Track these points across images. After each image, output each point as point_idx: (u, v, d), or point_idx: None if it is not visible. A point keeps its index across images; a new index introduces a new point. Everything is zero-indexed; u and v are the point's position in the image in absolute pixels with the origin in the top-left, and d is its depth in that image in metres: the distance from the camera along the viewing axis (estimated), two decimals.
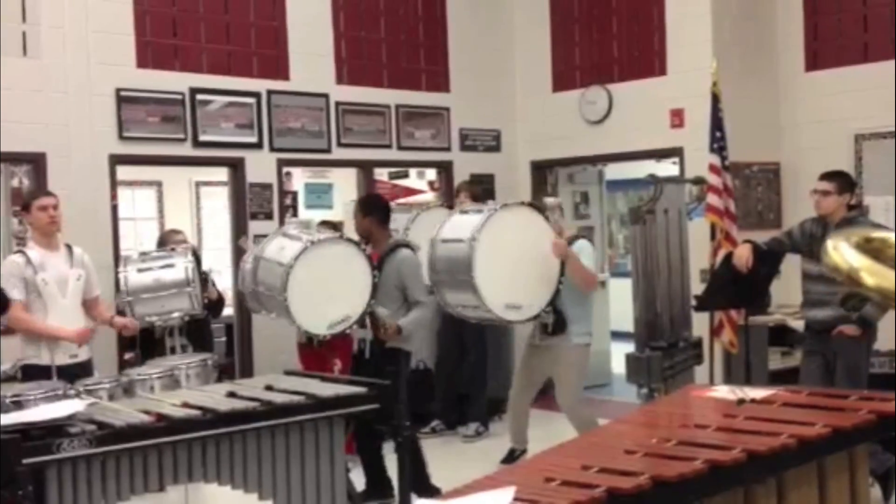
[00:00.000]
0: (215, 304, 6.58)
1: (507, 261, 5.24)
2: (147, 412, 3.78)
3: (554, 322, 5.55)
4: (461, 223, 5.29)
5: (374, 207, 5.71)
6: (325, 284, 5.12)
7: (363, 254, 5.25)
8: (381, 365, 5.34)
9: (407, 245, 5.68)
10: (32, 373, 5.06)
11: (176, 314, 5.73)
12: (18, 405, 4.21)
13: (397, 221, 6.30)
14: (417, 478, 5.53)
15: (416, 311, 5.50)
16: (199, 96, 7.12)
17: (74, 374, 5.09)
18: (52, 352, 5.11)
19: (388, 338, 5.39)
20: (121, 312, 5.64)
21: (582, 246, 5.70)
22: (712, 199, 6.72)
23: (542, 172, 8.96)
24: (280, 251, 5.18)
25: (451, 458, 5.77)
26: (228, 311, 7.41)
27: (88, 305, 5.46)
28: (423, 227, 6.49)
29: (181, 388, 4.85)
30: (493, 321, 5.41)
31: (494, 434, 7.44)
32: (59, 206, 5.35)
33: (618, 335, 9.27)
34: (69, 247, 5.43)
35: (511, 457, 6.19)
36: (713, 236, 6.79)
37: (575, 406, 5.83)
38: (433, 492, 5.25)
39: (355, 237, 5.59)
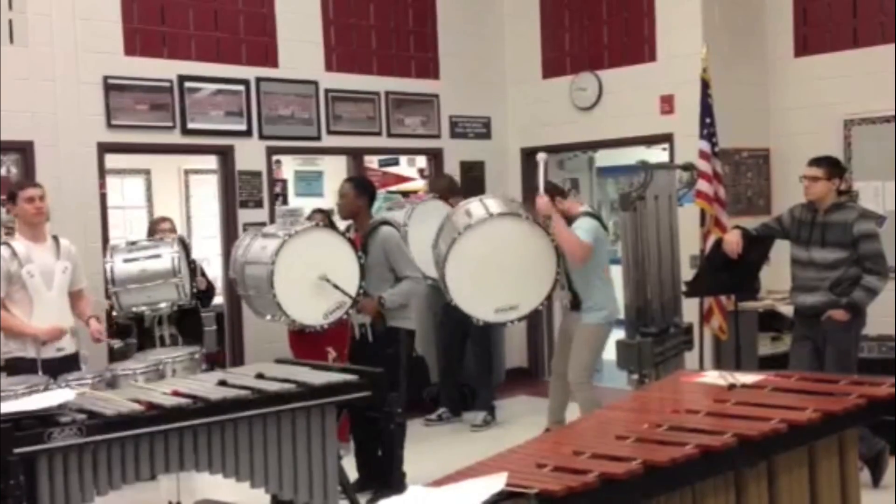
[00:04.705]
0: (205, 294, 6.57)
1: (488, 269, 5.49)
2: (138, 401, 3.77)
3: (571, 300, 5.97)
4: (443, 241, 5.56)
5: (366, 189, 5.77)
6: (312, 275, 5.16)
7: (344, 238, 5.30)
8: (383, 347, 5.38)
9: (387, 223, 5.75)
10: (18, 366, 5.01)
11: (163, 304, 5.72)
12: None
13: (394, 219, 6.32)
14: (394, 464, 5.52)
15: (402, 284, 5.55)
16: (188, 84, 7.09)
17: (60, 367, 5.06)
18: (37, 345, 5.06)
19: (369, 313, 5.44)
20: (108, 312, 5.63)
21: (580, 224, 5.88)
22: (702, 185, 6.72)
23: (533, 159, 8.94)
24: (262, 251, 5.21)
25: (462, 447, 5.79)
26: (219, 299, 7.41)
27: (73, 298, 5.38)
28: (421, 219, 6.53)
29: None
30: (492, 323, 5.82)
31: (502, 421, 7.46)
32: (45, 196, 5.28)
33: None
34: (56, 238, 5.36)
35: None
36: (703, 222, 6.80)
37: (582, 383, 6.00)
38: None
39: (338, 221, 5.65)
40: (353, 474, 5.37)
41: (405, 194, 9.15)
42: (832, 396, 3.31)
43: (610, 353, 6.25)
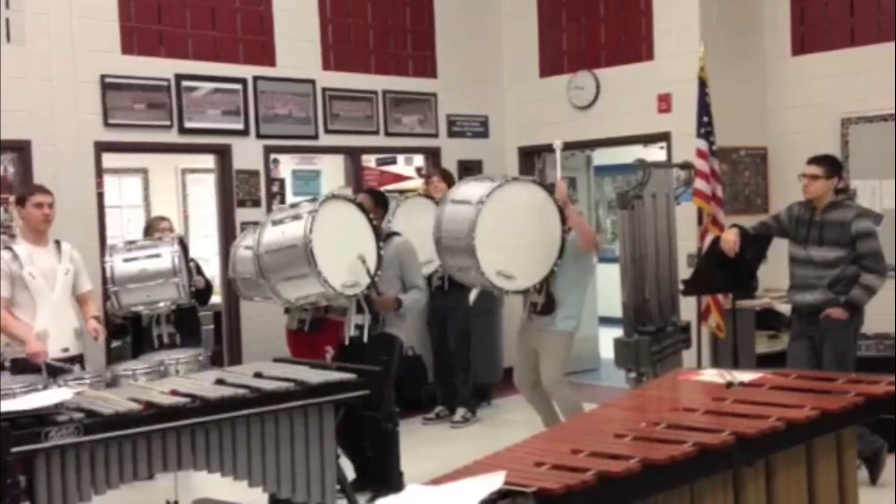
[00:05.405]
0: (202, 293, 6.57)
1: (510, 231, 5.55)
2: (136, 400, 3.77)
3: (544, 303, 5.83)
4: (474, 187, 5.62)
5: (382, 202, 6.02)
6: (343, 242, 5.26)
7: (369, 219, 5.41)
8: (376, 351, 5.40)
9: (398, 233, 5.95)
10: (23, 366, 5.02)
11: (162, 304, 5.73)
12: None
13: None
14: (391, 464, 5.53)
15: (414, 292, 5.77)
16: (185, 83, 7.08)
17: (65, 368, 5.06)
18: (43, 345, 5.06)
19: (385, 309, 5.57)
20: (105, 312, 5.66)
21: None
22: (700, 183, 6.72)
23: (530, 158, 8.95)
24: (289, 226, 5.19)
25: (460, 446, 5.80)
26: (216, 298, 7.41)
27: (81, 301, 5.44)
28: (405, 215, 6.64)
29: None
30: (485, 285, 5.73)
31: (483, 419, 7.47)
32: (54, 203, 5.35)
33: (606, 320, 9.29)
34: (58, 242, 5.41)
35: None
36: (700, 221, 6.81)
37: (557, 385, 5.96)
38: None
39: None
40: (351, 474, 5.37)
41: (402, 192, 9.14)
42: (830, 395, 3.32)
43: (608, 351, 6.25)
